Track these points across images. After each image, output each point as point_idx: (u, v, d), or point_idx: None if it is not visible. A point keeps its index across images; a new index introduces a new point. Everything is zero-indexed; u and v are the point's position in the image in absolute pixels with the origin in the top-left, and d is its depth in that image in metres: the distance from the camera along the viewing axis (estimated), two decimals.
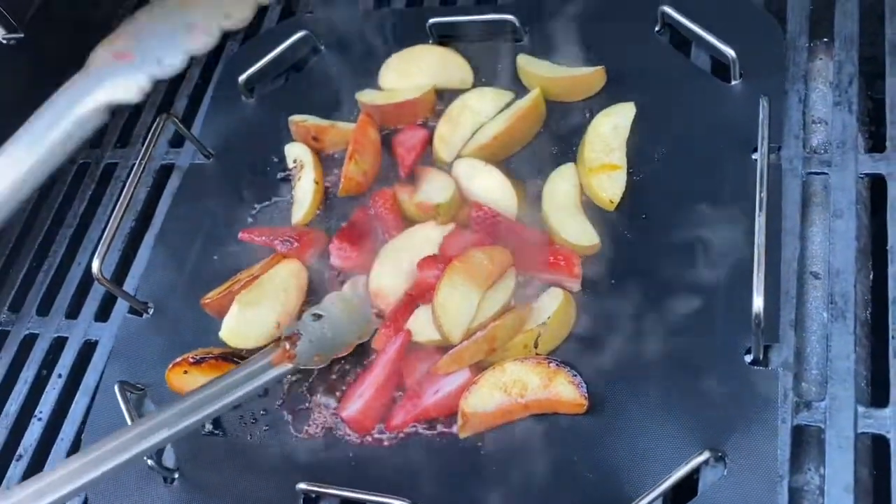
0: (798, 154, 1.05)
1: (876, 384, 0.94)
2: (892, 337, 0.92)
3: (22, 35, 1.47)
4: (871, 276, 1.01)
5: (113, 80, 1.23)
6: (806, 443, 0.90)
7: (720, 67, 1.15)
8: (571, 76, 1.20)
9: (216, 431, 1.10)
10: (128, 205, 1.20)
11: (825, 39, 1.15)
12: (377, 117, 1.27)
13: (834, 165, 1.04)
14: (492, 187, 1.12)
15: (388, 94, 1.29)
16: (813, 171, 1.04)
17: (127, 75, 1.23)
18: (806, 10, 1.17)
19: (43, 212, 1.48)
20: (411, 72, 1.29)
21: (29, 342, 1.33)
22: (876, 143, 1.07)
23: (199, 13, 1.33)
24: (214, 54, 1.53)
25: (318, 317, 1.08)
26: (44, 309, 1.36)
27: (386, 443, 1.03)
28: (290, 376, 1.10)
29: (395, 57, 1.31)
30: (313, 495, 1.01)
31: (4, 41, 1.47)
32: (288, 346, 1.03)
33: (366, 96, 1.29)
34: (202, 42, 1.31)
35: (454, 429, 1.00)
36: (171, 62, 1.26)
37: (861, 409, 0.89)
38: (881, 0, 1.14)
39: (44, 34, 1.52)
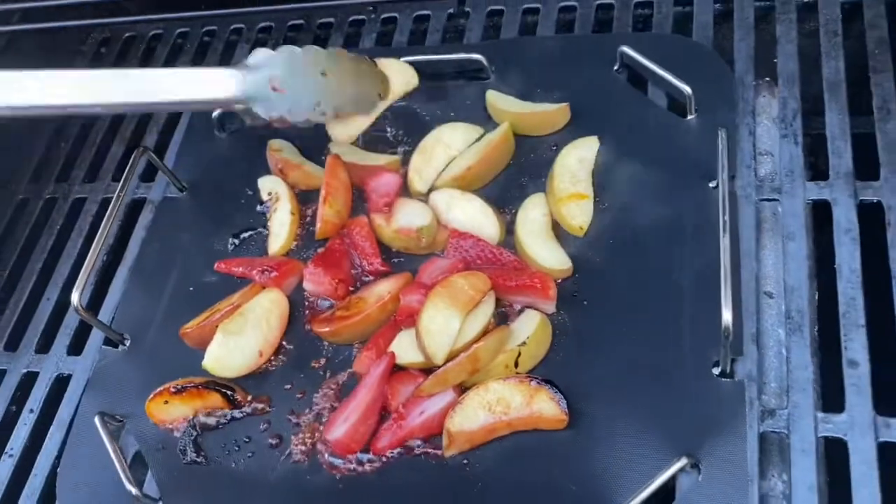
0: (750, 182, 1.14)
1: (825, 394, 1.01)
2: (845, 348, 1.00)
3: None
4: (815, 296, 1.09)
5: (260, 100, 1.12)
6: (768, 449, 0.97)
7: (674, 104, 1.23)
8: (538, 111, 1.26)
9: (199, 459, 1.11)
10: (105, 237, 1.20)
11: (767, 79, 1.24)
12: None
13: (784, 192, 1.12)
14: (473, 213, 1.17)
15: (360, 156, 1.29)
16: (764, 197, 1.13)
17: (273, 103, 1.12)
18: (750, 51, 1.27)
19: (9, 247, 1.47)
20: None
21: None
22: (815, 174, 1.16)
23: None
24: None
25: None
26: (12, 344, 1.34)
27: (372, 465, 1.05)
28: (264, 407, 1.12)
29: None
30: None
31: None
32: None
33: (337, 149, 1.29)
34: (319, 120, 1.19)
35: (439, 449, 1.03)
36: (298, 119, 1.15)
37: (820, 415, 0.96)
38: (813, 44, 1.25)
39: None
